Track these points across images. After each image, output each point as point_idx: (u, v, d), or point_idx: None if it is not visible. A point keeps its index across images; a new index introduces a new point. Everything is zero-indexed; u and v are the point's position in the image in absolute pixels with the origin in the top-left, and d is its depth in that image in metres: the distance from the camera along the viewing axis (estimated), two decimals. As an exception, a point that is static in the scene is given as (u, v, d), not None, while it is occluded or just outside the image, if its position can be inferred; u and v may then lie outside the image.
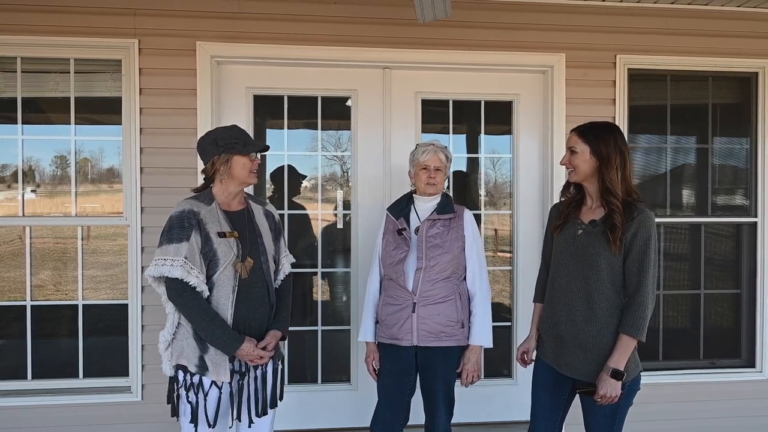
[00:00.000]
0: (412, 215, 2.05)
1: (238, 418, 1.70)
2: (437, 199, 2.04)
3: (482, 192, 2.81)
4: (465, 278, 2.00)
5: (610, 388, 1.56)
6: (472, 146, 2.82)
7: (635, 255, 1.60)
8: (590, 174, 1.68)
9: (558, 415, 1.80)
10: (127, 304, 2.48)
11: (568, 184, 1.80)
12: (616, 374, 1.57)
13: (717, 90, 2.81)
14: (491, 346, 1.98)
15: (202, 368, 1.64)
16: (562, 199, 1.84)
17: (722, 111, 2.82)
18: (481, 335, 1.96)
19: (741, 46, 2.72)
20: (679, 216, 2.82)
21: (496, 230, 2.85)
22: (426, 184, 2.00)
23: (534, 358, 1.88)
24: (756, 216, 2.78)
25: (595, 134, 1.67)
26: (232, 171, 1.70)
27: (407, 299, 1.93)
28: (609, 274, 1.62)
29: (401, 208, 2.06)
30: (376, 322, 2.06)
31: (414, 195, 2.08)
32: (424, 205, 2.04)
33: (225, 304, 1.65)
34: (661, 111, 2.78)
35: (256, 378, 1.74)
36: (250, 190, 2.57)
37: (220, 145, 1.67)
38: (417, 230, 1.99)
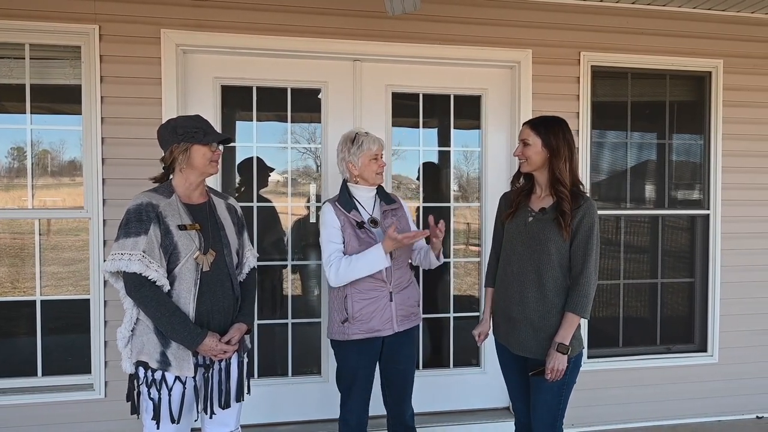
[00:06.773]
0: (358, 207, 2.01)
1: (204, 410, 1.69)
2: (375, 188, 2.05)
3: (454, 186, 2.85)
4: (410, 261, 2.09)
5: (557, 362, 1.68)
6: (443, 140, 2.85)
7: (580, 239, 1.71)
8: (541, 165, 1.79)
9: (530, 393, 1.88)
10: (88, 300, 2.41)
11: (518, 174, 1.91)
12: (562, 348, 1.69)
13: (674, 88, 2.93)
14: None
15: (164, 364, 1.61)
16: (514, 189, 1.94)
17: (679, 108, 2.95)
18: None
19: (696, 47, 2.85)
20: (639, 208, 2.94)
21: (468, 224, 2.90)
22: (377, 173, 2.00)
23: (487, 337, 1.97)
24: (709, 208, 2.92)
25: (545, 127, 1.78)
26: (192, 160, 1.67)
27: (383, 290, 1.95)
28: (558, 257, 1.73)
29: (346, 200, 1.99)
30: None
31: (349, 185, 2.02)
32: (366, 195, 2.03)
33: (187, 297, 1.62)
34: (622, 107, 2.88)
35: (220, 370, 1.72)
36: (218, 183, 2.54)
37: (180, 133, 1.64)
38: (373, 222, 2.00)
